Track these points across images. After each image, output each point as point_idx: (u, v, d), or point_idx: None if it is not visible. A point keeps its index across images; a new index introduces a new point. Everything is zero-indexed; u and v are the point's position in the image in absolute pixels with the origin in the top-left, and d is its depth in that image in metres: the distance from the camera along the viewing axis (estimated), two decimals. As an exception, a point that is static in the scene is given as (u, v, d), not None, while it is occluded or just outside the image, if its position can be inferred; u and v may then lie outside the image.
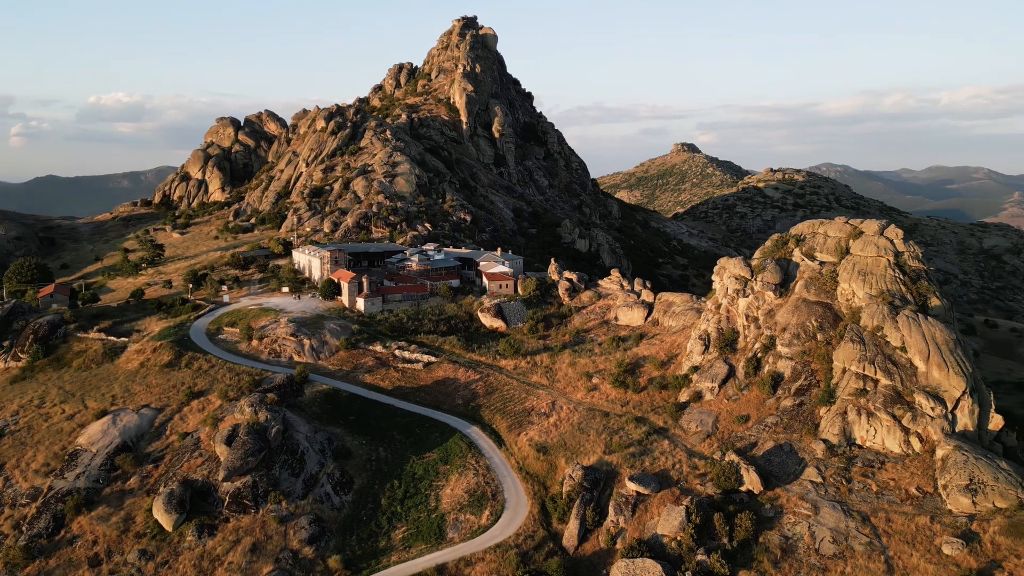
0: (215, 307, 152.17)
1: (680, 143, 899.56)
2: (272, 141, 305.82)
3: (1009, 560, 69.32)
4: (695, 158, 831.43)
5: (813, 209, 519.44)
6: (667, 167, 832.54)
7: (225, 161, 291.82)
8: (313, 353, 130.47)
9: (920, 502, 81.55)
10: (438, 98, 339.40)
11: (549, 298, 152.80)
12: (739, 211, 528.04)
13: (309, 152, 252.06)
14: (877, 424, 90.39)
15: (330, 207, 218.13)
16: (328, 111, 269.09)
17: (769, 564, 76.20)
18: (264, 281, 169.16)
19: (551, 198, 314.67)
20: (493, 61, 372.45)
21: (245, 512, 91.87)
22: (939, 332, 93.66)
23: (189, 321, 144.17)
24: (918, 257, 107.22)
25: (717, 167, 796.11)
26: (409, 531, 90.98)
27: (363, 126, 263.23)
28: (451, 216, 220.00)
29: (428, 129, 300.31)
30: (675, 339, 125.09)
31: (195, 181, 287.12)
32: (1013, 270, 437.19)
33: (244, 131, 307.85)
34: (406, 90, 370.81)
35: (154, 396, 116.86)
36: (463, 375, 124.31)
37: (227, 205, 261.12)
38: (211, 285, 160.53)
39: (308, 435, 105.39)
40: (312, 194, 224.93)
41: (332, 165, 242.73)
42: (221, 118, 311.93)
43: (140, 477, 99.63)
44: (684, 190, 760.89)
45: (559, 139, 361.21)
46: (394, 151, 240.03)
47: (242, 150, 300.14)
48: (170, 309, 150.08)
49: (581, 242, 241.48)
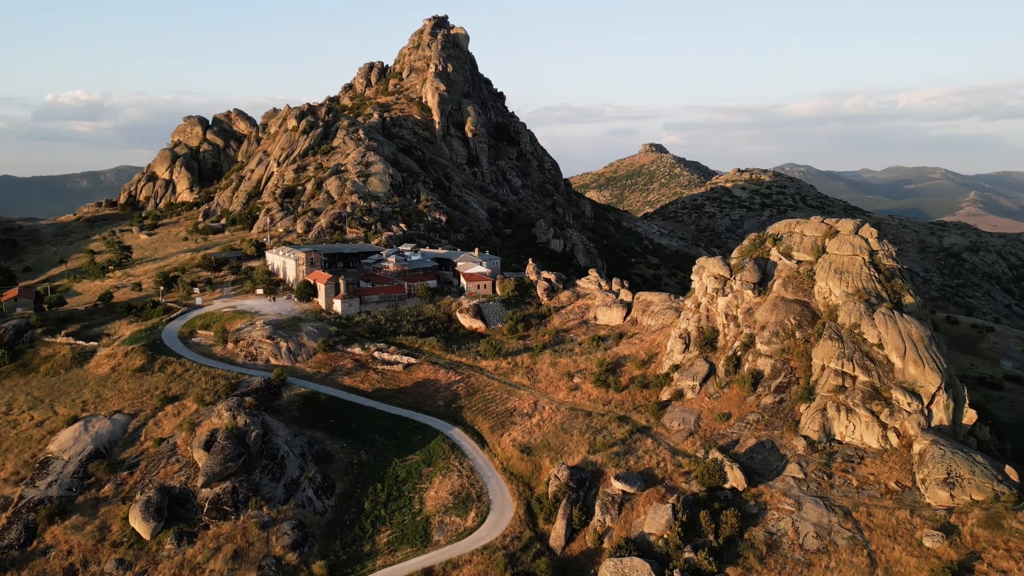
0: (187, 310, 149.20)
1: (648, 144, 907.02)
2: (242, 140, 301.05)
3: (988, 552, 70.93)
4: (663, 158, 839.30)
5: (780, 209, 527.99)
6: (636, 167, 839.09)
7: (193, 161, 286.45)
8: (290, 356, 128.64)
9: (899, 496, 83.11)
10: (410, 97, 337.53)
11: (528, 298, 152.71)
12: (708, 211, 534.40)
13: (280, 152, 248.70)
14: (856, 420, 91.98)
15: (303, 207, 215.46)
16: (299, 110, 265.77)
17: (755, 560, 77.00)
18: (237, 283, 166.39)
19: (524, 198, 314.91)
20: (465, 61, 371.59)
21: (225, 518, 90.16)
22: (915, 329, 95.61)
23: (161, 324, 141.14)
24: (891, 256, 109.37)
25: (685, 167, 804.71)
26: (394, 534, 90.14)
27: (335, 125, 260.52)
28: (426, 216, 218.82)
29: (400, 128, 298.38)
30: (655, 338, 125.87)
31: (162, 181, 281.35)
32: (972, 267, 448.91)
33: (213, 130, 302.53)
34: (377, 89, 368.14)
35: (127, 401, 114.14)
36: (444, 376, 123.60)
37: (196, 206, 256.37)
38: (183, 287, 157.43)
39: (288, 439, 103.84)
40: (284, 194, 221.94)
41: (304, 165, 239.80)
42: (189, 117, 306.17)
43: (115, 484, 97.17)
44: (652, 190, 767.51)
45: (531, 139, 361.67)
46: (367, 151, 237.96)
47: (211, 149, 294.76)
48: (140, 312, 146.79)
49: (556, 242, 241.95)
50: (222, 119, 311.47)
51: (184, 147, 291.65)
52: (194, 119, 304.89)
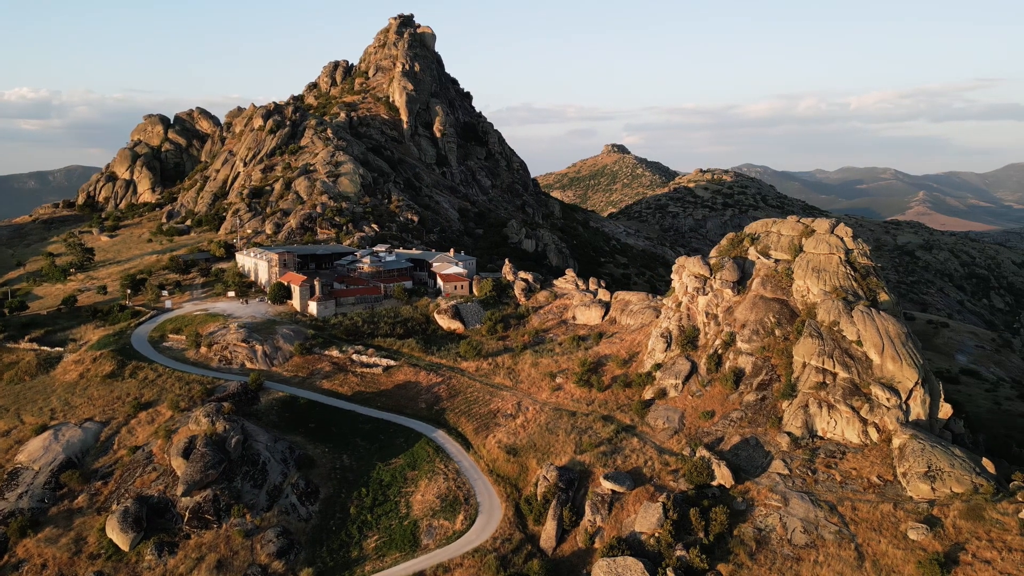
0: (156, 313, 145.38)
1: (611, 144, 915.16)
2: (205, 140, 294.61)
3: (971, 543, 72.72)
4: (625, 159, 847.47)
5: (741, 208, 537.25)
6: (599, 168, 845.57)
7: (155, 160, 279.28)
8: (266, 359, 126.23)
9: (882, 490, 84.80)
10: (377, 96, 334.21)
11: (505, 298, 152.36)
12: (671, 211, 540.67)
13: (247, 151, 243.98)
14: (837, 416, 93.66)
15: (271, 208, 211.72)
16: (266, 109, 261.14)
17: (745, 556, 77.78)
18: (207, 285, 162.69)
19: (494, 198, 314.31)
20: (432, 60, 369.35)
21: (207, 527, 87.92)
22: (891, 326, 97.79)
23: (129, 328, 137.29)
24: (866, 254, 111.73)
25: (646, 168, 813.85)
26: (382, 539, 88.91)
27: (303, 125, 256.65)
28: (398, 217, 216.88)
29: (368, 128, 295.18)
30: (635, 337, 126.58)
31: (122, 181, 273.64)
32: (926, 265, 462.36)
33: (175, 129, 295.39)
34: (343, 88, 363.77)
35: (97, 409, 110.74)
36: (425, 378, 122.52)
37: (159, 206, 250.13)
38: (151, 290, 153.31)
39: (268, 445, 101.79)
40: (252, 195, 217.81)
41: (272, 165, 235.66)
42: (149, 115, 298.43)
43: (89, 495, 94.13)
44: (615, 190, 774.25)
45: (499, 139, 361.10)
46: (336, 150, 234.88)
47: (173, 149, 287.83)
48: (107, 316, 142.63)
49: (528, 242, 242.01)
50: (184, 118, 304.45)
51: (145, 146, 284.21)
52: (155, 118, 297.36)
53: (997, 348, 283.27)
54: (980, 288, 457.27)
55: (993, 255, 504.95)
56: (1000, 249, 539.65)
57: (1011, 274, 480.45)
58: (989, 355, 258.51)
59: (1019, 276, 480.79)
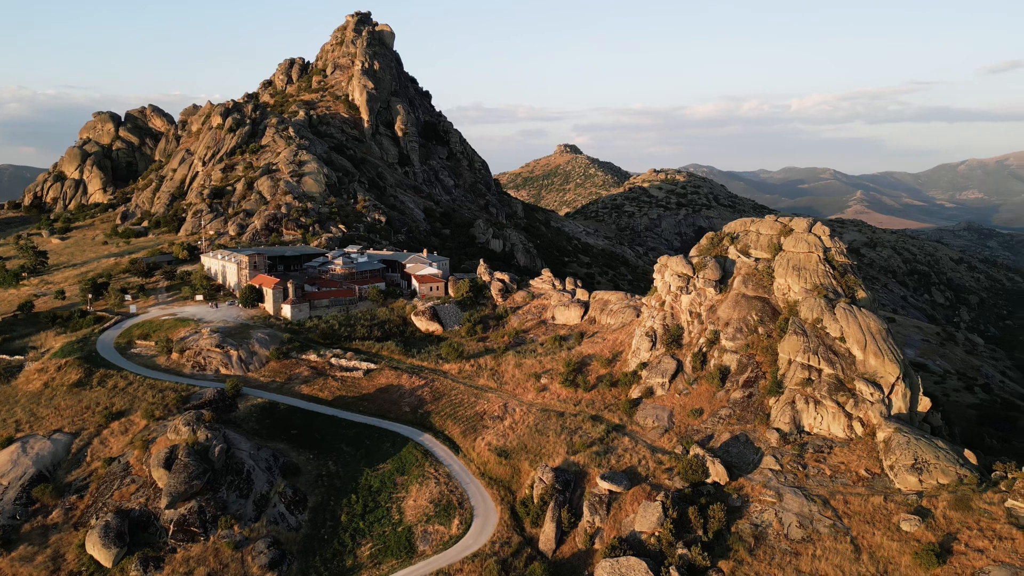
0: (121, 318, 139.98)
1: (563, 144, 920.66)
2: (159, 138, 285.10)
3: (963, 532, 74.93)
4: (578, 159, 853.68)
5: (694, 208, 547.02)
6: (552, 167, 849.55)
7: (106, 159, 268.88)
8: (242, 365, 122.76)
9: (870, 483, 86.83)
10: (336, 95, 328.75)
11: (482, 299, 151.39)
12: (627, 210, 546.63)
13: (206, 150, 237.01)
14: (824, 411, 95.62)
15: (234, 209, 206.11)
16: (224, 107, 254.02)
17: (745, 552, 78.64)
18: (173, 289, 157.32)
19: (457, 198, 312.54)
20: (391, 59, 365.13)
21: (194, 540, 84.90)
22: (873, 322, 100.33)
23: (93, 335, 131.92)
24: (843, 252, 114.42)
25: (599, 168, 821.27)
26: (376, 547, 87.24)
27: (264, 123, 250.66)
28: (365, 217, 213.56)
29: (328, 127, 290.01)
30: (617, 336, 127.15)
31: (71, 181, 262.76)
32: (870, 262, 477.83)
33: (126, 127, 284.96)
34: (299, 86, 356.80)
35: (66, 419, 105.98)
36: (407, 381, 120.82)
37: (111, 207, 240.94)
38: (114, 295, 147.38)
39: (252, 453, 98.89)
40: (213, 195, 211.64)
41: (232, 164, 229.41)
42: (99, 113, 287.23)
43: (63, 510, 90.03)
44: (568, 190, 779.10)
45: (460, 139, 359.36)
46: (299, 149, 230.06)
47: (125, 148, 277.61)
48: (68, 322, 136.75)
49: (496, 242, 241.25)
50: (136, 115, 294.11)
51: (95, 145, 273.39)
52: (105, 115, 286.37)
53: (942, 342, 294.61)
54: (922, 284, 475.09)
55: (932, 252, 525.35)
56: (938, 246, 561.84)
57: (949, 270, 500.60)
58: (935, 348, 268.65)
59: (957, 272, 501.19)
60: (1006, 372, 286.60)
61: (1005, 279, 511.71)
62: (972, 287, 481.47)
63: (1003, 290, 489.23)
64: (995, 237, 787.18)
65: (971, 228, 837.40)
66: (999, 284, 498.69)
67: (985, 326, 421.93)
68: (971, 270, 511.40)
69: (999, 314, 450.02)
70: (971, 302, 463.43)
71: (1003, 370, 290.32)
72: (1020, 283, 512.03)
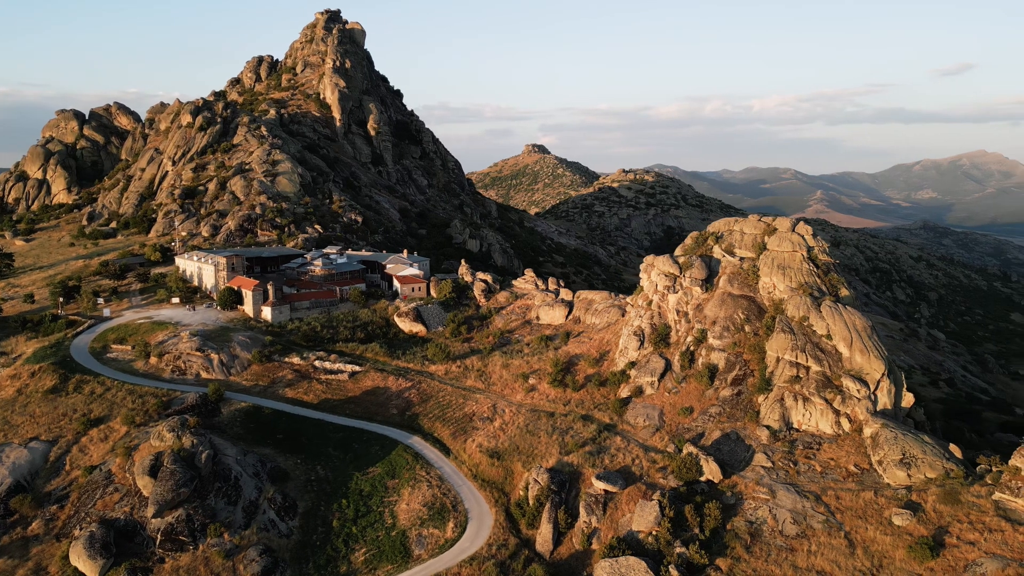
0: (95, 322, 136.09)
1: (531, 144, 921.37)
2: (125, 136, 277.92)
3: (953, 525, 76.46)
4: (546, 159, 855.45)
5: (663, 208, 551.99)
6: (520, 167, 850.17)
7: (70, 159, 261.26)
8: (223, 369, 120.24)
9: (860, 478, 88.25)
10: (306, 93, 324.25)
11: (465, 300, 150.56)
12: (597, 210, 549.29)
13: (175, 149, 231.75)
14: (812, 408, 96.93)
15: (206, 209, 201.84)
16: (194, 104, 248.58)
17: (742, 549, 79.33)
18: (147, 292, 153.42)
19: (432, 198, 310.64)
20: (362, 57, 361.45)
21: (183, 549, 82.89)
22: (858, 320, 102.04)
23: (67, 339, 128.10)
24: (825, 251, 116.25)
25: (567, 168, 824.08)
26: (370, 552, 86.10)
27: (235, 121, 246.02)
28: (341, 217, 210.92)
29: (300, 126, 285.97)
30: (603, 336, 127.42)
31: (34, 181, 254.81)
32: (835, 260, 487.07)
33: (91, 125, 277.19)
34: (268, 84, 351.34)
35: (42, 427, 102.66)
36: (394, 383, 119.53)
37: (77, 208, 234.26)
38: (86, 298, 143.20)
39: (238, 458, 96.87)
40: (184, 195, 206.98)
41: (204, 163, 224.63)
42: (62, 110, 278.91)
43: (44, 520, 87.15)
44: (537, 190, 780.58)
45: (433, 138, 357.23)
46: (273, 148, 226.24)
47: (89, 146, 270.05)
48: (39, 326, 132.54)
49: (472, 242, 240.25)
50: (101, 113, 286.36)
51: (59, 143, 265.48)
52: (68, 113, 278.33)
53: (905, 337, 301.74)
54: (884, 281, 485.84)
55: (892, 250, 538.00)
56: (898, 244, 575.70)
57: (909, 268, 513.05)
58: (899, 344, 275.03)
59: (916, 270, 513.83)
60: (967, 367, 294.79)
61: (962, 276, 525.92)
62: (931, 284, 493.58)
63: (960, 287, 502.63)
64: (950, 235, 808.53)
65: (927, 227, 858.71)
66: (956, 281, 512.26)
67: (945, 322, 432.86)
68: (930, 268, 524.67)
69: (958, 310, 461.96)
70: (931, 299, 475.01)
71: (964, 364, 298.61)
72: (976, 280, 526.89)
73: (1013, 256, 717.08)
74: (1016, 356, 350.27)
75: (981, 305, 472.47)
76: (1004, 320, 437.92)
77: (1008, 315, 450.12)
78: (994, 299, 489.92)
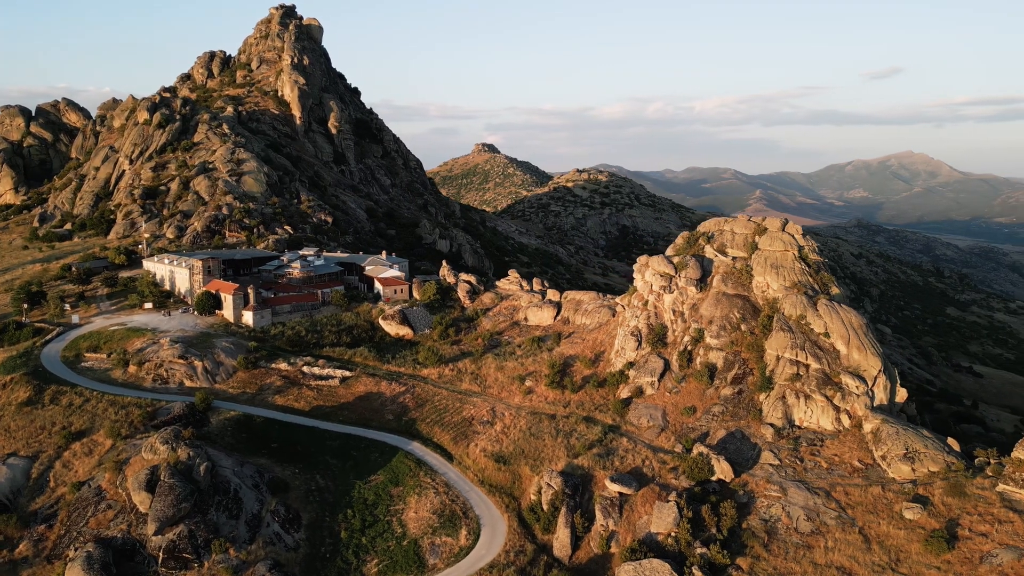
0: (64, 330, 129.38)
1: (481, 144, 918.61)
2: (74, 134, 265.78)
3: (963, 518, 78.56)
4: (496, 158, 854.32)
5: (618, 207, 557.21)
6: (471, 166, 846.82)
7: (16, 157, 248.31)
8: (208, 376, 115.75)
9: (865, 473, 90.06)
10: (263, 90, 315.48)
11: (450, 301, 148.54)
12: (553, 210, 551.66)
13: (132, 147, 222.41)
14: (813, 405, 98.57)
15: (169, 210, 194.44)
16: (150, 101, 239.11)
17: (760, 548, 79.93)
18: (116, 297, 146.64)
19: (395, 197, 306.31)
20: (320, 54, 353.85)
21: (187, 567, 79.28)
22: (854, 317, 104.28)
23: (35, 348, 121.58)
24: (815, 250, 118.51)
25: (517, 167, 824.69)
26: (383, 563, 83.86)
27: (195, 119, 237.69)
28: (311, 218, 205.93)
29: (259, 124, 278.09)
30: (596, 336, 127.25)
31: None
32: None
33: (37, 122, 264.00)
34: (222, 81, 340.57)
35: (20, 442, 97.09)
36: (387, 388, 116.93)
37: (27, 209, 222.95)
38: (53, 304, 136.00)
39: (235, 470, 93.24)
40: (145, 195, 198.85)
41: (164, 162, 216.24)
42: (7, 107, 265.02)
43: (32, 541, 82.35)
44: (488, 189, 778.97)
45: (394, 137, 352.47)
46: (236, 147, 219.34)
47: (37, 144, 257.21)
48: (3, 335, 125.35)
49: (442, 242, 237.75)
50: (49, 110, 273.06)
51: (3, 141, 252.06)
52: (14, 109, 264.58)
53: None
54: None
55: (835, 248, 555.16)
56: (840, 242, 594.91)
57: (851, 264, 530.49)
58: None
59: (857, 266, 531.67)
60: (913, 360, 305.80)
61: (899, 272, 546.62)
62: (873, 280, 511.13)
63: (898, 282, 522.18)
64: (882, 233, 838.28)
65: (860, 225, 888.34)
66: (895, 277, 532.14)
67: (887, 317, 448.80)
68: (870, 264, 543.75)
69: (897, 305, 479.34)
70: (873, 294, 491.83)
71: (910, 358, 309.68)
72: (912, 276, 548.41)
73: (941, 252, 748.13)
74: (955, 348, 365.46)
75: (918, 300, 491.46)
76: (941, 314, 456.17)
77: (943, 309, 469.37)
78: (929, 294, 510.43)
